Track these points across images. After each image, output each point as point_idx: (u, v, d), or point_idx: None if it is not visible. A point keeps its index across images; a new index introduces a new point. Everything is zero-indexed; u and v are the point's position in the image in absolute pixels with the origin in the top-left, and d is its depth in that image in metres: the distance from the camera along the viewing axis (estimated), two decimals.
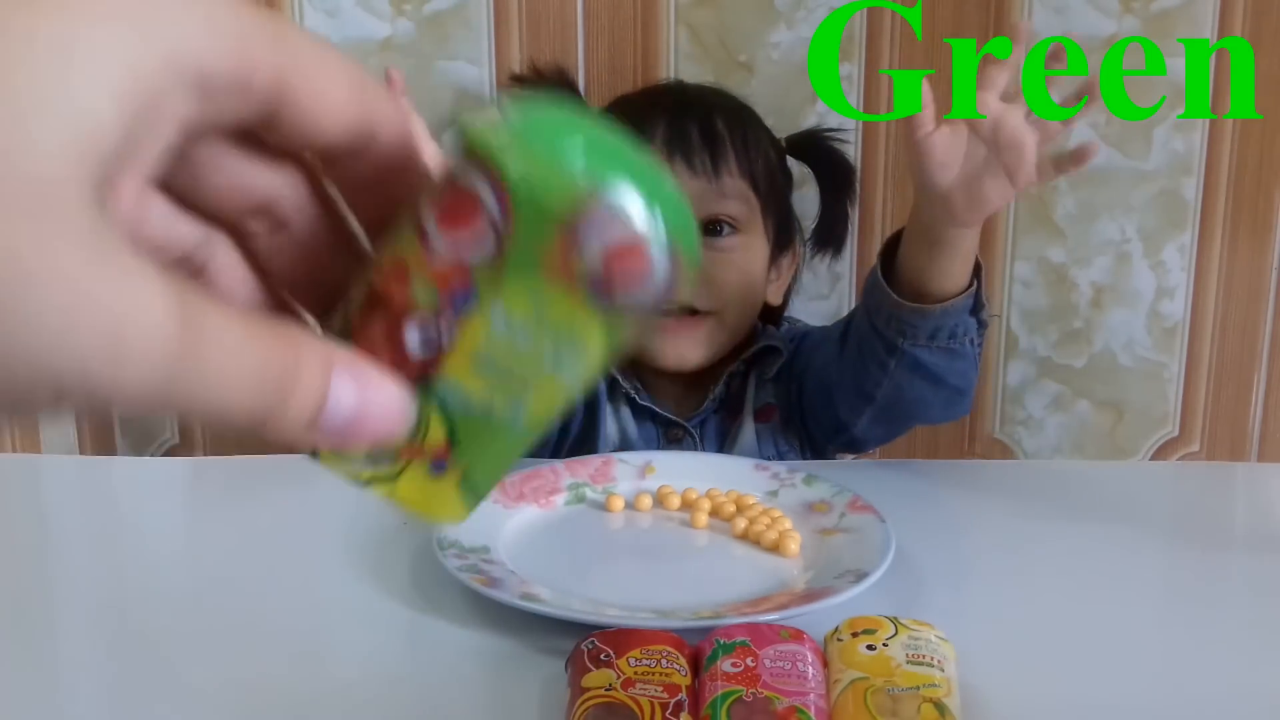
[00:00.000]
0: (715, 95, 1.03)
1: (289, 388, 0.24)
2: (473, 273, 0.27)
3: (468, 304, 0.27)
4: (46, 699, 0.58)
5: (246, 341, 0.24)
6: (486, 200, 0.26)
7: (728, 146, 0.97)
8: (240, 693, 0.58)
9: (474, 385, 0.28)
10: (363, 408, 0.26)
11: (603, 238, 0.26)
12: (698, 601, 0.64)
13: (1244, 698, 0.57)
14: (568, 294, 0.27)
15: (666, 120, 0.97)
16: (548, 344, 0.28)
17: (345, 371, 0.26)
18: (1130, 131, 1.14)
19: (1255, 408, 1.21)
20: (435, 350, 0.28)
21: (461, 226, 0.27)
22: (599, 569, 0.71)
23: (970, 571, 0.71)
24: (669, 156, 0.95)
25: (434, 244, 0.27)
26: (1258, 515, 0.86)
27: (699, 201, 0.95)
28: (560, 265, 0.26)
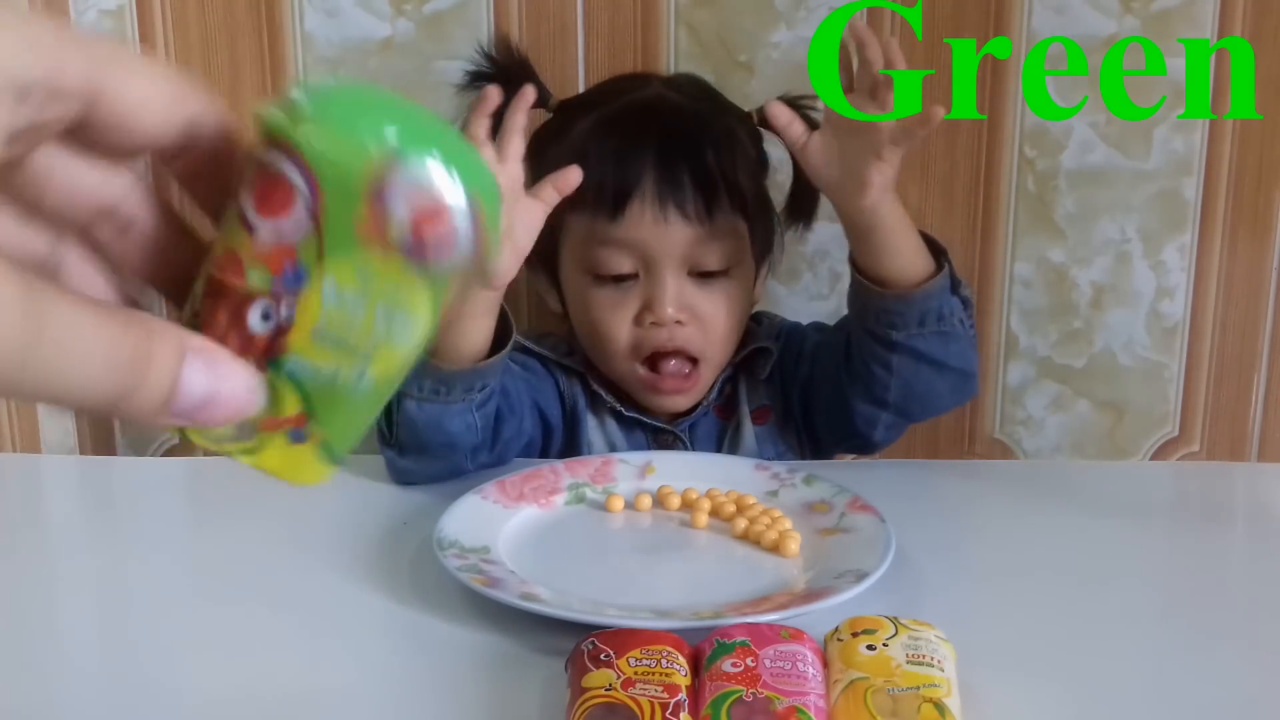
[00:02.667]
0: (698, 111, 0.98)
1: (142, 370, 0.26)
2: (297, 251, 0.29)
3: (299, 282, 0.29)
4: (46, 699, 0.58)
5: (95, 326, 0.25)
6: (295, 180, 0.28)
7: (720, 186, 0.94)
8: (240, 693, 0.58)
9: (318, 357, 0.30)
10: (214, 390, 0.28)
11: (407, 203, 0.28)
12: (698, 601, 0.64)
13: (1244, 698, 0.57)
14: (387, 261, 0.29)
15: (657, 159, 0.93)
16: (379, 310, 0.29)
17: (196, 356, 0.27)
18: (1130, 131, 1.14)
19: (1255, 408, 1.20)
20: (277, 329, 0.29)
21: (277, 209, 0.29)
22: (599, 569, 0.71)
23: (970, 571, 0.72)
24: (662, 206, 0.92)
25: (257, 230, 0.29)
26: (1258, 515, 0.86)
27: (691, 244, 0.94)
28: (374, 234, 0.28)
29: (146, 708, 0.57)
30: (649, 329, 0.95)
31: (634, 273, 0.95)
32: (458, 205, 0.28)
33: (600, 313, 0.96)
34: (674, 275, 0.94)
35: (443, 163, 0.28)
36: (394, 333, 0.30)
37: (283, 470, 0.32)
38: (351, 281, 0.29)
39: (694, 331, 0.95)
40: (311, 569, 0.72)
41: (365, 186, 0.28)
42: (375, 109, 0.28)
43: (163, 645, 0.63)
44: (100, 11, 1.13)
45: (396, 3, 1.14)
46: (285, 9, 1.13)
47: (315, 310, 0.29)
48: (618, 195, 0.92)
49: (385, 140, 0.28)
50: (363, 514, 0.80)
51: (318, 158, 0.28)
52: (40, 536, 0.81)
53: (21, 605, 0.68)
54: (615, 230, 0.93)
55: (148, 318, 0.27)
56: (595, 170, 0.92)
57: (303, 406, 0.31)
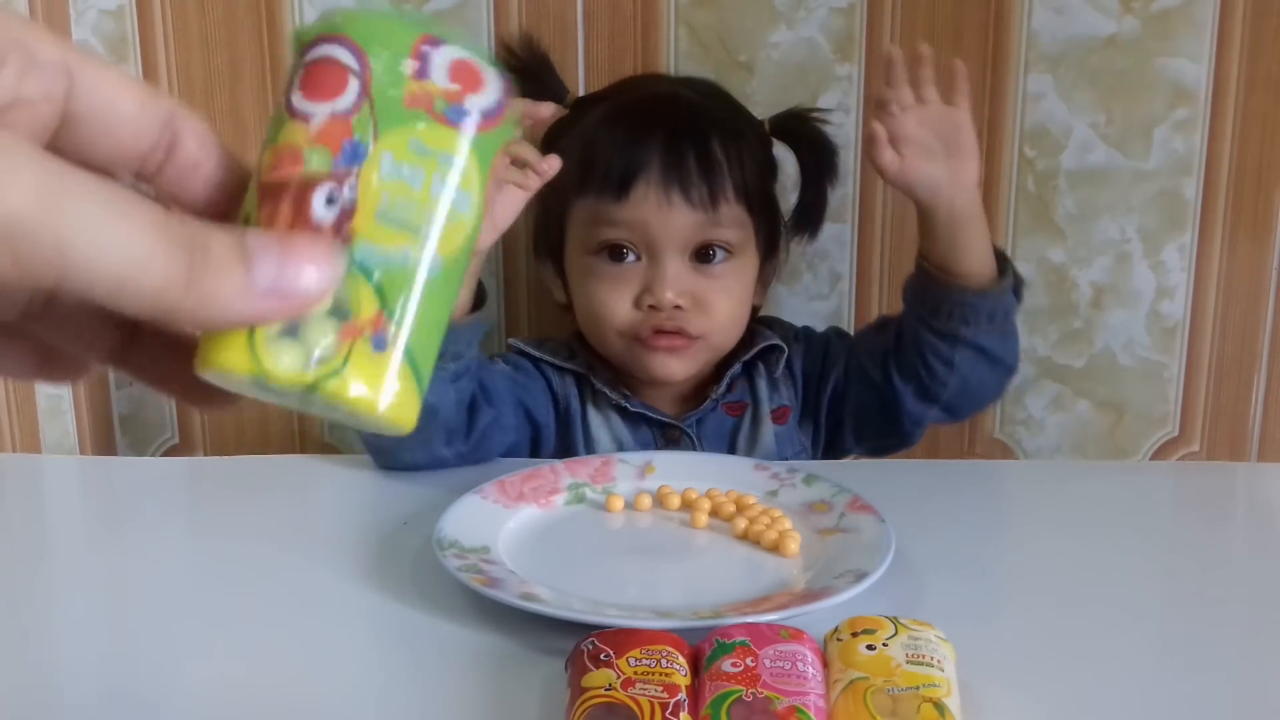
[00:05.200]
0: (708, 107, 1.00)
1: (201, 258, 0.25)
2: (353, 127, 0.30)
3: (358, 159, 0.30)
4: (47, 698, 0.58)
5: (126, 207, 0.25)
6: (344, 59, 0.30)
7: (725, 175, 0.95)
8: (240, 692, 0.58)
9: (385, 240, 0.30)
10: (290, 262, 0.27)
11: (444, 63, 0.31)
12: (698, 601, 0.64)
13: (1244, 698, 0.57)
14: (436, 130, 0.31)
15: (664, 143, 0.95)
16: (435, 181, 0.30)
17: (259, 239, 0.27)
18: (1130, 131, 1.14)
19: (1255, 408, 1.20)
20: (342, 213, 0.30)
21: (330, 91, 0.30)
22: (599, 569, 0.71)
23: (970, 571, 0.71)
24: (666, 189, 0.94)
25: (311, 116, 0.30)
26: (1258, 515, 0.86)
27: (695, 230, 0.95)
28: (420, 96, 0.30)
29: (146, 707, 0.57)
30: (648, 312, 0.96)
31: (637, 255, 0.96)
32: (489, 73, 0.31)
33: (601, 292, 0.97)
34: (676, 259, 0.96)
35: (474, 45, 0.31)
36: (453, 206, 0.31)
37: (373, 395, 0.30)
38: (406, 153, 0.30)
39: (693, 315, 0.96)
40: (311, 569, 0.72)
41: (409, 58, 0.30)
42: (405, 13, 0.32)
43: (163, 645, 0.63)
44: (100, 11, 1.13)
45: (396, 3, 1.14)
46: (285, 9, 1.13)
47: (376, 187, 0.30)
48: (624, 177, 0.94)
49: (425, 24, 0.31)
50: (363, 514, 0.80)
51: (365, 34, 0.30)
52: (40, 536, 0.81)
53: (21, 605, 0.68)
54: (620, 211, 0.95)
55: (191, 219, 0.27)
56: (604, 154, 0.95)
57: (379, 304, 0.30)
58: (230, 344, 0.29)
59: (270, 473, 0.93)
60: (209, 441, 1.23)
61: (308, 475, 0.91)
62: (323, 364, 0.29)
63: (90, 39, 1.13)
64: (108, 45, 1.13)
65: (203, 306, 0.26)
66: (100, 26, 1.13)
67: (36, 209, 0.23)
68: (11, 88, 0.26)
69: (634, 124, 0.97)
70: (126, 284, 0.25)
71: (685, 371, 0.99)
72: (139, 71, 1.14)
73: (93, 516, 0.87)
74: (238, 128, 1.16)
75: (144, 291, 0.25)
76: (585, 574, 0.70)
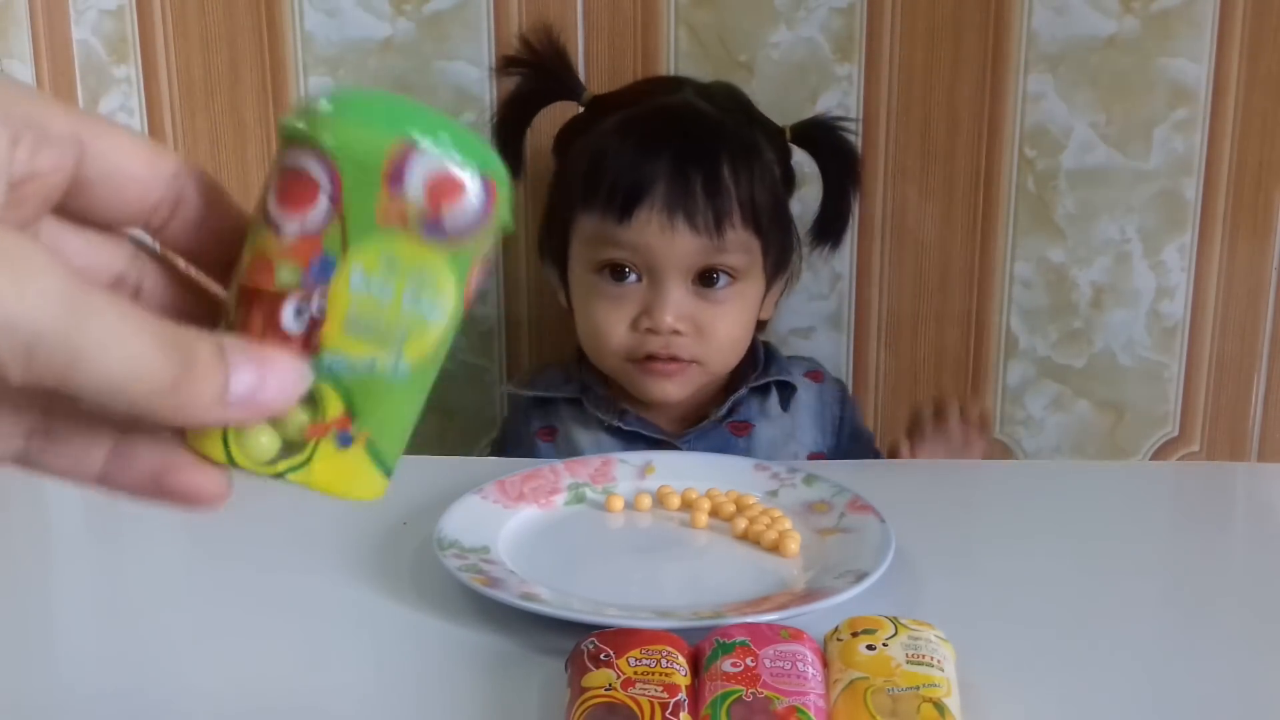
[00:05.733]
0: (722, 123, 0.97)
1: (188, 368, 0.28)
2: (323, 242, 0.30)
3: (327, 273, 0.30)
4: (47, 699, 0.58)
5: (137, 321, 0.27)
6: (315, 173, 0.30)
7: (732, 200, 0.93)
8: (240, 692, 0.58)
9: (353, 349, 0.31)
10: (263, 375, 0.29)
11: (420, 175, 0.30)
12: (698, 601, 0.64)
13: (1244, 698, 0.57)
14: (409, 242, 0.30)
15: (670, 166, 0.92)
16: (406, 292, 0.30)
17: (239, 351, 0.29)
18: (1130, 131, 1.14)
19: (1255, 408, 1.20)
20: (311, 324, 0.30)
21: (300, 204, 0.30)
22: (599, 569, 0.71)
23: (970, 571, 0.71)
24: (670, 214, 0.92)
25: (281, 227, 0.30)
26: (1258, 515, 0.86)
27: (698, 254, 0.94)
28: (394, 216, 0.30)
29: (146, 707, 0.57)
30: (645, 334, 0.95)
31: (638, 276, 0.95)
32: (470, 180, 0.30)
33: (600, 311, 0.97)
34: (677, 284, 0.94)
35: (454, 145, 0.30)
36: (423, 313, 0.31)
37: (336, 483, 0.32)
38: (377, 266, 0.30)
39: (691, 341, 0.95)
40: (311, 569, 0.72)
41: (383, 169, 0.29)
42: (388, 105, 0.30)
43: (162, 645, 0.63)
44: (100, 11, 1.13)
45: (396, 3, 1.14)
46: (285, 9, 1.13)
47: (345, 300, 0.30)
48: (627, 199, 0.92)
49: (400, 127, 0.29)
50: (363, 514, 0.80)
51: (337, 147, 0.29)
52: (40, 537, 0.81)
53: (21, 605, 0.68)
54: (622, 233, 0.93)
55: (182, 328, 0.28)
56: (610, 171, 0.93)
57: (345, 405, 0.31)
58: (208, 434, 0.31)
59: None
60: None
61: None
62: (289, 458, 0.31)
63: (90, 39, 1.13)
64: (108, 45, 1.13)
65: (183, 410, 0.28)
66: (100, 26, 1.13)
67: (59, 322, 0.25)
68: (25, 164, 0.28)
69: (643, 140, 0.95)
70: (123, 389, 0.27)
71: (681, 394, 0.98)
72: (139, 72, 1.14)
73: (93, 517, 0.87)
74: (237, 128, 1.16)
75: (136, 395, 0.27)
76: (585, 574, 0.69)
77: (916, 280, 1.19)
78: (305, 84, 1.15)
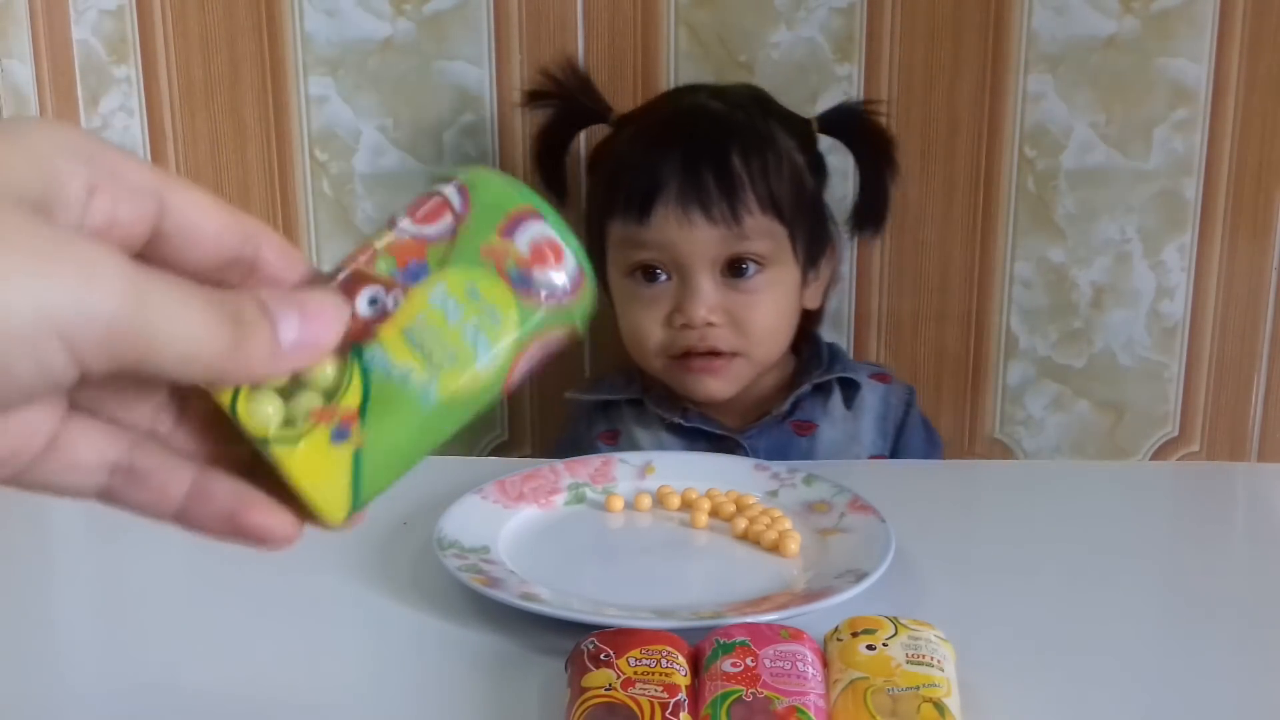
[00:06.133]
0: (732, 118, 0.99)
1: (239, 324, 0.30)
2: (428, 251, 0.33)
3: (418, 276, 0.33)
4: (47, 699, 0.58)
5: (189, 292, 0.29)
6: (452, 198, 0.34)
7: (746, 188, 0.94)
8: (240, 692, 0.58)
9: (399, 354, 0.33)
10: (305, 316, 0.31)
11: (530, 235, 0.34)
12: (698, 601, 0.64)
13: (1244, 698, 0.57)
14: (495, 285, 0.33)
15: (681, 163, 0.94)
16: (469, 326, 0.33)
17: (278, 300, 0.31)
18: (1130, 131, 1.14)
19: (1255, 408, 1.20)
20: (379, 315, 0.33)
21: (427, 218, 0.34)
22: (599, 569, 0.71)
23: (970, 571, 0.71)
24: (685, 207, 0.94)
25: (401, 229, 0.34)
26: (1258, 515, 0.86)
27: (720, 244, 0.95)
28: (496, 251, 0.33)
29: (146, 707, 0.57)
30: (680, 330, 0.96)
31: (668, 274, 0.97)
32: (569, 260, 0.34)
33: (636, 313, 0.99)
34: (705, 277, 0.96)
35: (567, 231, 0.34)
36: (475, 348, 0.33)
37: (309, 475, 0.33)
38: (460, 289, 0.33)
39: (727, 332, 0.96)
40: (311, 569, 0.72)
41: (506, 215, 0.34)
42: (529, 188, 0.35)
43: (162, 645, 0.63)
44: (100, 11, 1.13)
45: (396, 3, 1.14)
46: (285, 9, 1.13)
47: (418, 306, 0.33)
48: (644, 198, 0.95)
49: (532, 198, 0.34)
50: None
51: (482, 187, 0.34)
52: (40, 536, 0.81)
53: (21, 606, 0.68)
54: (645, 232, 0.95)
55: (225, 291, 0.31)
56: (626, 176, 0.96)
57: (361, 401, 0.32)
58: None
59: None
60: None
61: None
62: (284, 428, 0.32)
63: (90, 39, 1.13)
64: (108, 45, 1.13)
65: (246, 366, 0.30)
66: (100, 26, 1.13)
67: (127, 310, 0.27)
68: (107, 212, 0.30)
69: (653, 144, 0.97)
70: (195, 355, 0.29)
71: (727, 390, 0.99)
72: (139, 72, 1.14)
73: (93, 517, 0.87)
74: (238, 128, 1.16)
75: (207, 360, 0.29)
76: (585, 574, 0.70)
77: (916, 280, 1.19)
78: (305, 84, 1.15)
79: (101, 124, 1.14)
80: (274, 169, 1.17)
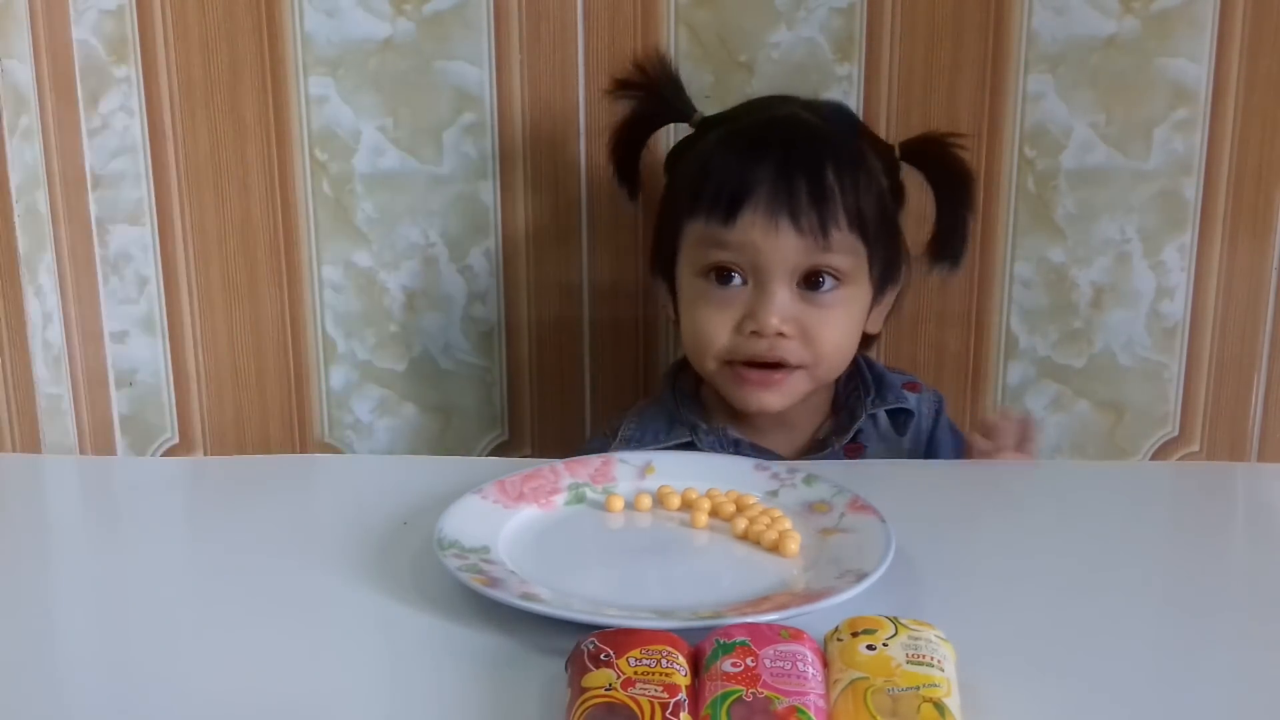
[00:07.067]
0: (827, 131, 0.98)
1: None
2: None
3: None
4: (46, 699, 0.58)
5: None
6: None
7: (838, 203, 0.94)
8: (239, 692, 0.58)
9: None
10: None
11: None
12: (698, 601, 0.64)
13: (1244, 698, 0.57)
14: None
15: (775, 169, 0.94)
16: None
17: None
18: (1130, 131, 1.14)
19: (1255, 408, 1.20)
20: None
21: None
22: (599, 569, 0.71)
23: (970, 571, 0.71)
24: (774, 214, 0.93)
25: None
26: (1258, 515, 0.86)
27: (802, 255, 0.94)
28: None
29: (146, 707, 0.57)
30: (749, 337, 0.95)
31: (744, 279, 0.96)
32: None
33: (705, 314, 0.97)
34: (782, 286, 0.95)
35: None
36: None
37: None
38: None
39: (796, 345, 0.95)
40: (311, 569, 0.72)
41: None
42: None
43: (162, 645, 0.63)
44: (100, 11, 1.13)
45: (396, 3, 1.14)
46: (285, 9, 1.13)
47: None
48: (732, 200, 0.94)
49: None
50: (363, 514, 0.80)
51: None
52: (40, 536, 0.81)
53: (21, 606, 0.68)
54: (728, 234, 0.94)
55: None
56: (715, 177, 0.95)
57: None
58: None
59: (270, 473, 0.93)
60: (209, 442, 1.23)
61: (308, 475, 0.91)
62: None
63: (90, 39, 1.13)
64: (108, 45, 1.13)
65: None
66: (100, 26, 1.13)
67: None
68: None
69: (747, 147, 0.96)
70: None
71: (781, 403, 0.98)
72: (139, 72, 1.14)
73: (93, 517, 0.87)
74: (237, 128, 1.16)
75: None
76: (585, 574, 0.70)
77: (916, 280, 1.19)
78: (305, 84, 1.15)
79: (101, 124, 1.14)
80: (274, 169, 1.17)
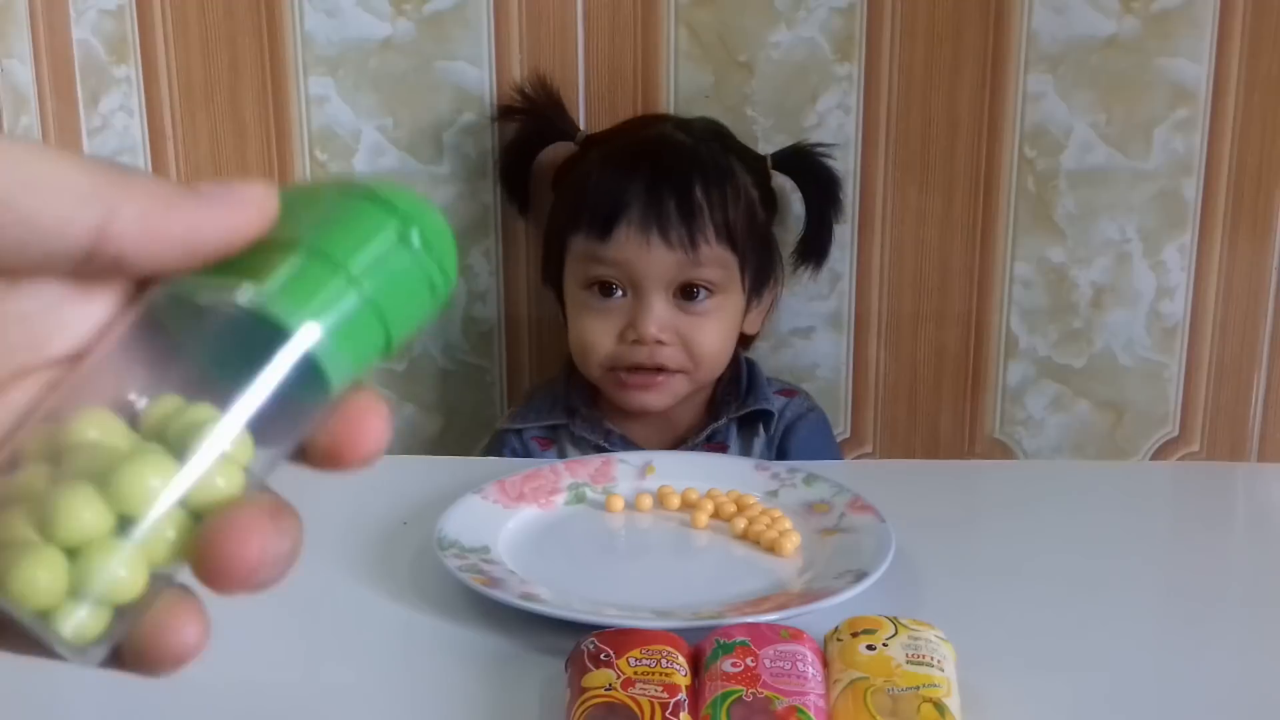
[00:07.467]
0: (696, 150, 1.05)
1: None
2: None
3: None
4: (46, 698, 0.58)
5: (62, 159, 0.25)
6: None
7: (705, 218, 1.00)
8: (240, 693, 0.58)
9: None
10: None
11: None
12: (698, 601, 0.64)
13: (1244, 698, 0.57)
14: None
15: (645, 187, 1.00)
16: None
17: None
18: (1130, 131, 1.14)
19: (1255, 408, 1.21)
20: None
21: None
22: (599, 569, 0.71)
23: (970, 571, 0.71)
24: (646, 230, 0.99)
25: None
26: (1258, 515, 0.86)
27: (675, 270, 1.00)
28: None
29: (145, 707, 0.57)
30: (631, 345, 1.02)
31: (624, 291, 1.02)
32: None
33: (589, 324, 1.04)
34: (658, 297, 1.01)
35: None
36: None
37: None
38: None
39: (675, 351, 1.02)
40: (311, 569, 0.71)
41: None
42: None
43: None
44: (100, 11, 1.13)
45: (396, 3, 1.14)
46: (285, 9, 1.13)
47: None
48: (607, 218, 1.01)
49: None
50: (363, 514, 0.80)
51: None
52: None
53: None
54: (605, 249, 1.01)
55: None
56: (592, 196, 1.03)
57: None
58: None
59: None
60: None
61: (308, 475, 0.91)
62: None
63: (90, 39, 1.13)
64: (108, 45, 1.13)
65: (134, 236, 0.26)
66: (100, 26, 1.13)
67: None
68: None
69: (620, 167, 1.03)
70: (60, 228, 0.25)
71: (662, 403, 1.04)
72: (139, 72, 1.14)
73: None
74: (237, 128, 1.16)
75: (70, 231, 0.25)
76: (585, 574, 0.70)
77: (916, 280, 1.19)
78: (305, 84, 1.15)
79: (101, 124, 1.14)
80: (274, 169, 1.17)
